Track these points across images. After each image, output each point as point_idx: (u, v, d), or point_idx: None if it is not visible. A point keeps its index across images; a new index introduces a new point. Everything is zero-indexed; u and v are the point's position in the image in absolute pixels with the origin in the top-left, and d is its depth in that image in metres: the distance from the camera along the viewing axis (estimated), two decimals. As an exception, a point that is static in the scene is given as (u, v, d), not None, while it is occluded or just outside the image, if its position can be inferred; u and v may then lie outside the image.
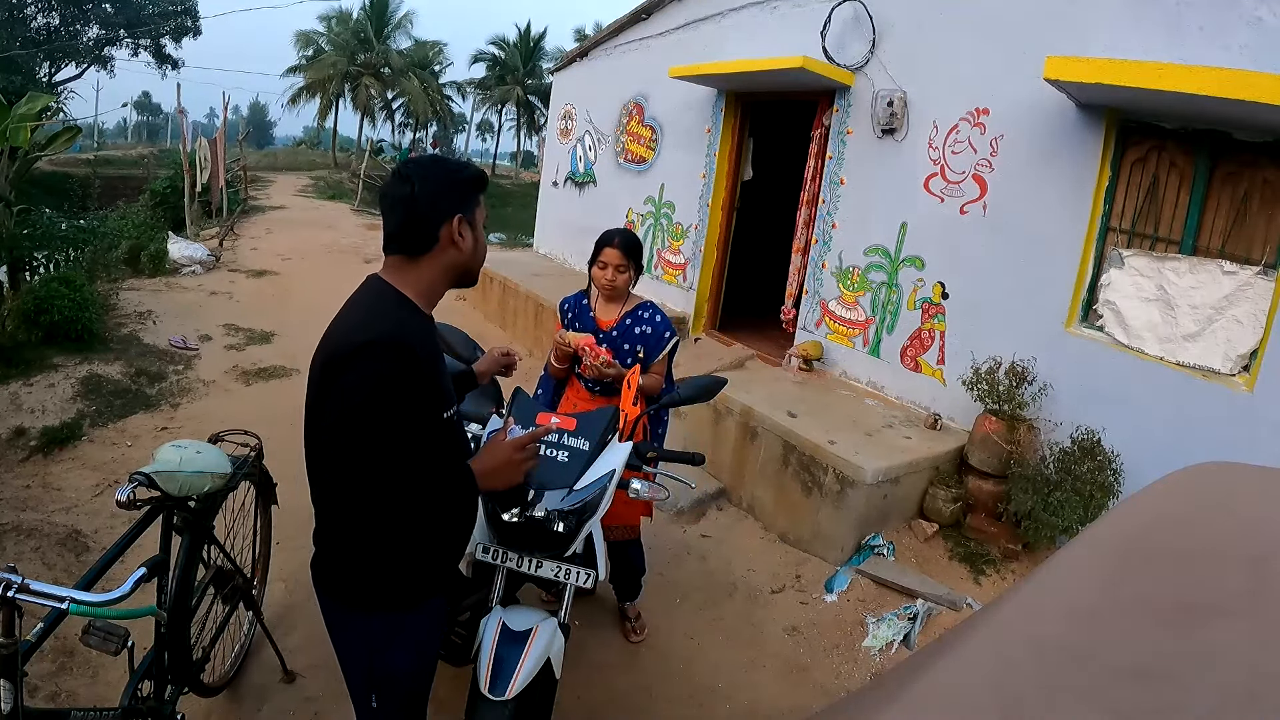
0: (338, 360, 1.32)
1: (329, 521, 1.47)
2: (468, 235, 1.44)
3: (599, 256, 2.58)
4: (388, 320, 1.36)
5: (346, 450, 1.32)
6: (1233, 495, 0.65)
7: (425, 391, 1.37)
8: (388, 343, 1.31)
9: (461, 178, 1.44)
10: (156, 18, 26.33)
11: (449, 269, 1.46)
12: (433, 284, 1.46)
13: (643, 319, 2.65)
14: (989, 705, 0.41)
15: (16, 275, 5.47)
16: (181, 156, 12.19)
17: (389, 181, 1.45)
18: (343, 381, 1.31)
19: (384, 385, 1.30)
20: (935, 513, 3.71)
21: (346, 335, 1.35)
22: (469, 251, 1.46)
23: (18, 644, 1.43)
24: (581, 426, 2.09)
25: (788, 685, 2.82)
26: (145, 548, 1.92)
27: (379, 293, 1.42)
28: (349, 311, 1.42)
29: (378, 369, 1.29)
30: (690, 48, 5.93)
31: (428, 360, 1.38)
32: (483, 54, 36.51)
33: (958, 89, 4.08)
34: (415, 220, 1.40)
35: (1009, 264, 3.89)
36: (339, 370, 1.31)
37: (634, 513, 2.64)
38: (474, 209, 1.46)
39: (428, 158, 1.47)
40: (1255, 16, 3.01)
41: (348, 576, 1.48)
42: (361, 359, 1.29)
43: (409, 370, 1.32)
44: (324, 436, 1.35)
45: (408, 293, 1.41)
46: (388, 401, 1.30)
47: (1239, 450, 3.08)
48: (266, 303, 7.40)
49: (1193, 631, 0.44)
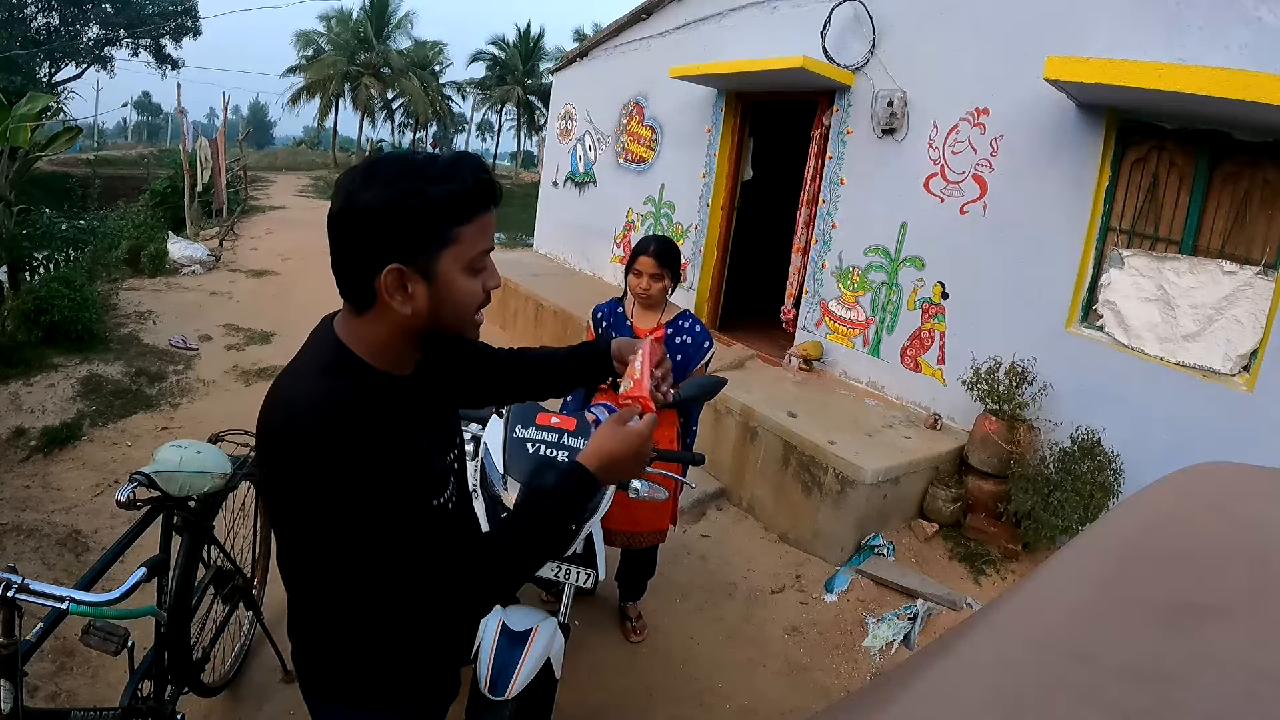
0: (270, 441, 0.99)
1: (301, 613, 1.16)
2: (420, 293, 0.97)
3: (634, 265, 2.56)
4: (326, 393, 0.97)
5: (303, 551, 1.05)
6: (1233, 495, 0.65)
7: (391, 478, 0.96)
8: (323, 427, 0.93)
9: (416, 202, 0.93)
10: (156, 18, 26.33)
11: (404, 332, 1.02)
12: (390, 346, 1.03)
13: (683, 329, 2.64)
14: (989, 706, 0.41)
15: (16, 275, 5.47)
16: (181, 156, 12.18)
17: None
18: (279, 473, 0.98)
19: (327, 480, 0.93)
20: (935, 513, 3.71)
21: (280, 411, 1.00)
22: (423, 316, 0.99)
23: (18, 644, 1.43)
24: (581, 426, 2.09)
25: (788, 685, 2.82)
26: (145, 548, 1.92)
27: (319, 349, 1.04)
28: (290, 374, 1.04)
29: (317, 459, 0.93)
30: (690, 48, 5.94)
31: (389, 440, 0.97)
32: (482, 54, 36.54)
33: (958, 89, 4.08)
34: (338, 261, 0.99)
35: (1009, 264, 3.89)
36: (272, 456, 0.99)
37: (663, 518, 2.64)
38: (441, 248, 0.96)
39: (380, 159, 0.97)
40: (1255, 16, 3.01)
41: (326, 673, 1.18)
42: (296, 445, 0.94)
43: (358, 457, 0.93)
44: (278, 529, 1.07)
45: (363, 354, 1.02)
46: (336, 499, 0.94)
47: (1239, 450, 3.08)
48: (266, 303, 7.40)
49: (1193, 631, 0.44)
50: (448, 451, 1.19)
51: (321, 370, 1.00)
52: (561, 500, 1.08)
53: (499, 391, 1.42)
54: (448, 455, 1.18)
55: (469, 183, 0.96)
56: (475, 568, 1.02)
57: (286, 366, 1.07)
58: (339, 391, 0.97)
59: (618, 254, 7.08)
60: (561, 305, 6.13)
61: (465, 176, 0.96)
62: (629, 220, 6.86)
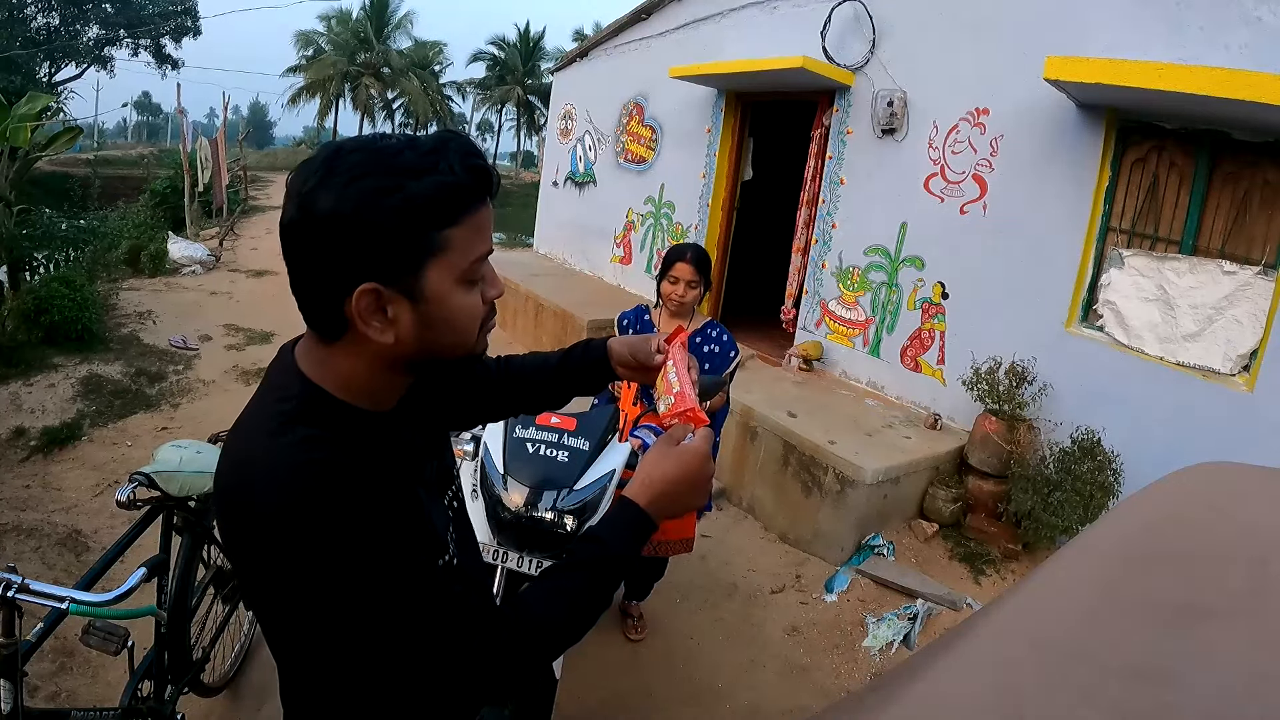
0: (227, 514, 0.78)
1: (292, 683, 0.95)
2: (404, 316, 0.77)
3: (670, 271, 2.56)
4: (290, 452, 0.74)
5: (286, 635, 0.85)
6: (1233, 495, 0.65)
7: (386, 550, 0.74)
8: (289, 501, 0.72)
9: (393, 201, 0.72)
10: (156, 18, 26.33)
11: (386, 363, 0.81)
12: (367, 381, 0.82)
13: (710, 337, 2.63)
14: (989, 706, 0.41)
15: (16, 275, 5.47)
16: (181, 156, 12.18)
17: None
18: (242, 554, 0.78)
19: (302, 565, 0.72)
20: (935, 513, 3.71)
21: (233, 477, 0.78)
22: (409, 343, 0.79)
23: (18, 644, 1.43)
24: (581, 426, 2.09)
25: (788, 685, 2.82)
26: (145, 548, 1.92)
27: (279, 392, 0.81)
28: (244, 427, 0.82)
29: (284, 540, 0.72)
30: (690, 48, 5.94)
31: (378, 505, 0.75)
32: (482, 54, 36.55)
33: (958, 89, 4.08)
34: (296, 283, 0.78)
35: (1009, 264, 3.89)
36: (230, 532, 0.78)
37: (689, 525, 2.61)
38: (427, 258, 0.75)
39: (338, 146, 0.75)
40: (1255, 16, 3.01)
41: None
42: (256, 524, 0.74)
43: (340, 533, 0.72)
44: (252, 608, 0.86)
45: (334, 390, 0.80)
46: (317, 587, 0.73)
47: (1239, 450, 3.08)
48: (266, 303, 7.39)
49: (1193, 631, 0.44)
50: (444, 491, 0.98)
51: (283, 420, 0.76)
52: (609, 550, 0.88)
53: (489, 409, 1.21)
54: (444, 496, 0.98)
55: (457, 172, 0.74)
56: (506, 638, 0.81)
57: (238, 420, 0.83)
58: (308, 449, 0.74)
59: (617, 254, 7.08)
60: (562, 305, 6.13)
61: (452, 164, 0.74)
62: (629, 220, 6.86)
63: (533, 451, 2.02)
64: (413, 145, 0.75)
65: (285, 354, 0.85)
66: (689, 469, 0.93)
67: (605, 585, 0.88)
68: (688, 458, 0.94)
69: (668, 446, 0.96)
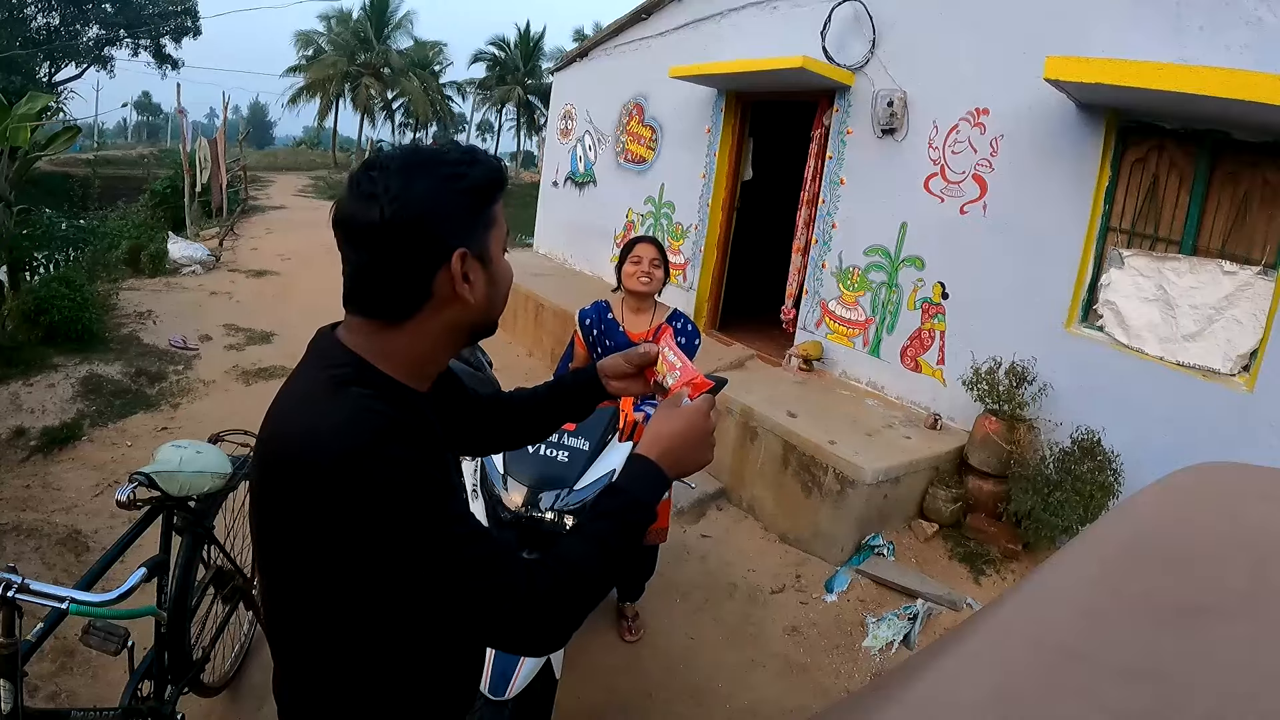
0: (288, 478, 0.84)
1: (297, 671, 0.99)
2: (478, 277, 0.91)
3: (631, 253, 2.57)
4: (354, 406, 0.84)
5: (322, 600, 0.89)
6: (1233, 495, 0.65)
7: (448, 492, 0.86)
8: (362, 444, 0.80)
9: (463, 185, 0.89)
10: (156, 18, 26.34)
11: (451, 331, 0.94)
12: (424, 357, 0.94)
13: (676, 329, 2.65)
14: (989, 706, 0.41)
15: (16, 275, 5.47)
16: (181, 156, 12.18)
17: (345, 198, 0.89)
18: (303, 513, 0.83)
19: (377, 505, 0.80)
20: (935, 513, 3.71)
21: (296, 440, 0.84)
22: (482, 301, 0.93)
23: (18, 644, 1.43)
24: (581, 427, 2.09)
25: (788, 685, 2.82)
26: (145, 548, 1.92)
27: (328, 363, 0.90)
28: (295, 397, 0.90)
29: (359, 482, 0.79)
30: (690, 48, 5.93)
31: (433, 454, 0.87)
32: (483, 54, 36.54)
33: (958, 89, 4.08)
34: (390, 269, 0.87)
35: (1009, 264, 3.89)
36: (291, 495, 0.84)
37: (664, 515, 2.63)
38: (487, 230, 0.92)
39: (405, 153, 0.90)
40: (1255, 16, 3.01)
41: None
42: (330, 473, 0.80)
43: (410, 470, 0.82)
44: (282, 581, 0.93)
45: (384, 367, 0.90)
46: (391, 525, 0.81)
47: (1239, 450, 3.08)
48: (266, 303, 7.40)
49: (1193, 631, 0.44)
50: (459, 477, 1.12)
51: (339, 382, 0.86)
52: (633, 497, 0.95)
53: (485, 439, 1.27)
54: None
55: (490, 165, 0.94)
56: (549, 582, 0.87)
57: (285, 390, 0.92)
58: (369, 401, 0.84)
59: (617, 254, 7.08)
60: (562, 305, 6.13)
61: (484, 159, 0.94)
62: (629, 220, 6.86)
63: (533, 451, 2.02)
64: (455, 147, 0.93)
65: (327, 335, 0.95)
66: (693, 425, 1.01)
67: (633, 532, 0.95)
68: (690, 414, 1.02)
69: (671, 407, 1.04)
